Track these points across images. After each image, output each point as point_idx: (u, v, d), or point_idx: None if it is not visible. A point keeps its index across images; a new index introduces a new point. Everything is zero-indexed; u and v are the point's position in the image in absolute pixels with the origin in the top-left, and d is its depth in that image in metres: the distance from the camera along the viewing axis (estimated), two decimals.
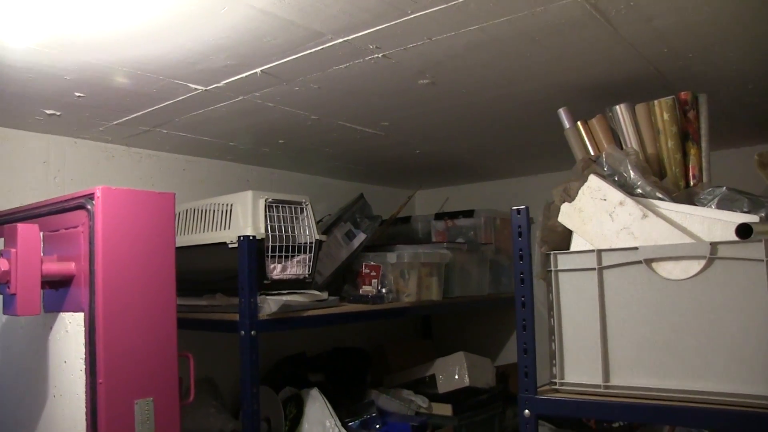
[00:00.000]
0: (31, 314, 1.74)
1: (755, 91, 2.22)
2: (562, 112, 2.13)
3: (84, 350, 1.75)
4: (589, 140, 2.05)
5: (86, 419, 1.73)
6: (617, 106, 1.98)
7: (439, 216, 3.63)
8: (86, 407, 1.73)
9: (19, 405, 2.06)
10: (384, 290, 2.80)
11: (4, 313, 1.81)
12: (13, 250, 1.72)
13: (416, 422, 2.99)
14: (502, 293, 3.44)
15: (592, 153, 2.02)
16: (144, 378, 1.76)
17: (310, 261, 2.45)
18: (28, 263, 1.72)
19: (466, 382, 3.30)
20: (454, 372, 3.34)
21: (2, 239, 1.93)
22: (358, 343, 3.57)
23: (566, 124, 2.12)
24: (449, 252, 3.08)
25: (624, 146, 1.97)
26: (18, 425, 2.06)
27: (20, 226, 1.75)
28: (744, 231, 1.33)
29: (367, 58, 1.85)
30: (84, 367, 1.74)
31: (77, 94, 2.11)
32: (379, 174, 3.74)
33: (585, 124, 2.07)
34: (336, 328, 3.57)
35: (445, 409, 3.20)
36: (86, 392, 1.73)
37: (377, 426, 2.93)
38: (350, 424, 2.81)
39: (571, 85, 2.15)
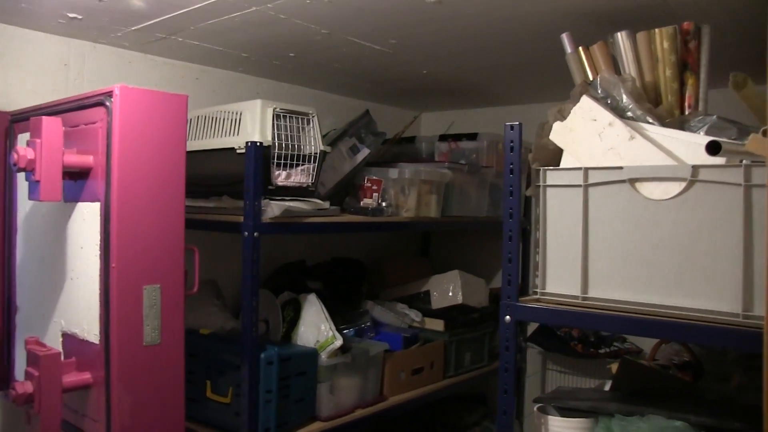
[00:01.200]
0: (52, 200, 1.87)
1: (761, 27, 2.27)
2: (564, 37, 2.19)
3: (99, 237, 1.88)
4: (589, 66, 2.12)
5: (100, 300, 1.87)
6: (618, 33, 2.04)
7: (443, 137, 3.71)
8: (100, 289, 1.87)
9: (40, 286, 2.22)
10: (384, 204, 2.91)
11: (29, 198, 1.93)
12: (38, 141, 1.84)
13: (408, 334, 3.14)
14: (500, 217, 3.54)
15: (591, 78, 2.10)
16: (152, 266, 1.90)
17: (313, 171, 2.56)
18: (51, 153, 1.84)
19: (459, 299, 3.40)
20: (448, 289, 3.45)
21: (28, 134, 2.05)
22: (357, 256, 3.69)
23: (568, 49, 2.18)
24: (450, 171, 3.18)
25: (622, 72, 2.04)
26: (39, 304, 2.23)
27: (44, 119, 1.86)
28: (713, 147, 1.40)
29: None
30: (98, 252, 1.88)
31: None
32: (387, 93, 3.81)
33: (586, 49, 2.13)
34: (336, 240, 3.71)
35: (437, 324, 3.33)
36: (100, 275, 1.88)
37: (370, 335, 3.08)
38: (345, 330, 2.96)
39: (575, 10, 2.19)
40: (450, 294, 3.44)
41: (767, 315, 1.08)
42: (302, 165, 2.53)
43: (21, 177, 2.32)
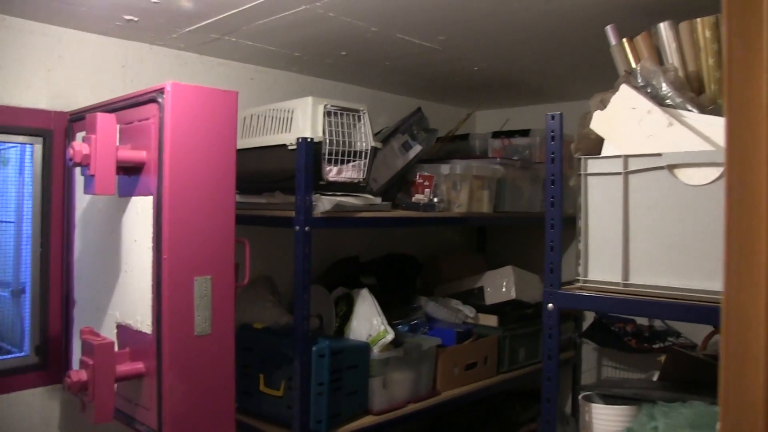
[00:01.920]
0: (106, 194, 1.94)
1: None
2: (609, 30, 2.19)
3: (152, 230, 1.94)
4: (633, 57, 2.12)
5: (152, 291, 1.94)
6: (661, 24, 2.04)
7: (496, 134, 3.71)
8: (153, 280, 1.94)
9: (97, 278, 2.30)
10: (436, 199, 2.92)
11: (84, 192, 2.01)
12: (93, 136, 1.91)
13: (461, 329, 3.14)
14: None
15: None
16: (203, 257, 1.95)
17: (364, 166, 2.59)
18: (105, 148, 1.91)
19: (513, 295, 3.40)
20: (502, 285, 3.45)
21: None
22: (411, 252, 3.70)
23: (612, 41, 2.19)
24: (502, 167, 3.18)
25: (665, 62, 2.03)
26: (95, 297, 2.31)
27: (99, 115, 1.93)
28: None
29: None
30: (151, 245, 1.94)
31: (154, 1, 2.25)
32: (438, 91, 3.82)
33: (630, 41, 2.13)
34: (390, 236, 3.73)
35: (490, 320, 3.33)
36: (153, 267, 1.94)
37: (424, 330, 3.09)
38: (398, 325, 2.97)
39: (619, 2, 2.18)
40: (503, 289, 3.44)
41: (725, 291, 1.07)
42: (353, 161, 2.55)
43: (78, 175, 2.40)
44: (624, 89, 1.89)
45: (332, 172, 2.49)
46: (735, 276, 1.07)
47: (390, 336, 2.64)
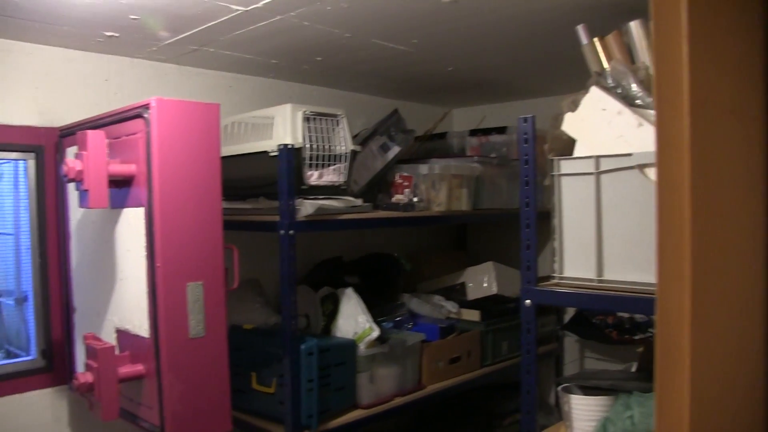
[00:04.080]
0: (100, 207, 2.02)
1: None
2: (580, 29, 2.24)
3: (144, 239, 2.03)
4: (605, 56, 2.16)
5: (148, 297, 2.03)
6: (632, 23, 2.09)
7: (473, 132, 3.79)
8: (147, 287, 2.02)
9: (94, 286, 2.39)
10: (415, 199, 3.01)
11: (79, 206, 2.10)
12: (84, 153, 2.00)
13: (445, 324, 3.23)
14: None
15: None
16: (194, 264, 2.04)
17: (345, 170, 2.67)
18: (97, 163, 2.00)
19: (494, 290, 3.48)
20: (483, 280, 3.53)
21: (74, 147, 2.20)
22: (393, 251, 3.79)
23: (584, 40, 2.24)
24: (479, 165, 3.26)
25: (636, 61, 2.09)
26: (94, 304, 2.40)
27: (89, 132, 2.02)
28: None
29: None
30: (144, 253, 2.03)
31: (132, 17, 2.33)
32: (415, 91, 3.90)
33: (601, 39, 2.18)
34: (372, 236, 3.81)
35: (473, 315, 3.40)
36: (147, 275, 2.03)
37: (408, 326, 3.18)
38: (383, 322, 3.06)
39: (588, 3, 2.24)
40: (485, 285, 3.52)
41: (658, 282, 1.18)
42: (334, 164, 2.64)
43: (70, 187, 2.49)
44: (594, 91, 1.97)
45: (313, 177, 2.58)
46: (664, 269, 1.16)
47: (375, 333, 2.73)
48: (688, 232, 1.14)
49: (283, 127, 2.53)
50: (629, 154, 1.88)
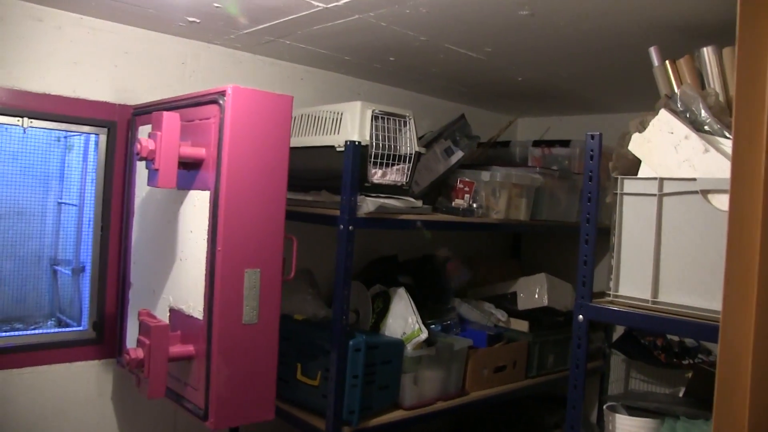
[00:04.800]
0: (169, 187, 2.07)
1: None
2: (652, 50, 2.24)
3: (207, 223, 2.07)
4: (675, 79, 2.16)
5: (205, 280, 2.07)
6: (705, 48, 2.07)
7: (536, 143, 3.78)
8: (206, 270, 2.07)
9: (153, 265, 2.44)
10: (475, 205, 3.01)
11: (148, 185, 2.14)
12: (158, 133, 2.04)
13: (493, 332, 3.22)
14: None
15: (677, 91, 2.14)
16: (254, 251, 2.07)
17: (408, 170, 2.68)
18: (170, 144, 2.04)
19: (545, 302, 3.46)
20: (535, 291, 3.51)
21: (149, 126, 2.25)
22: (447, 255, 3.79)
23: (655, 61, 2.23)
24: (540, 176, 3.24)
25: (707, 86, 2.08)
26: (150, 281, 2.45)
27: (165, 114, 2.06)
28: None
29: None
30: (206, 236, 2.07)
31: (216, 5, 2.37)
32: (482, 97, 3.90)
33: (673, 63, 2.17)
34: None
35: (522, 325, 3.40)
36: (207, 258, 2.07)
37: (456, 331, 3.18)
38: (431, 325, 3.06)
39: (663, 24, 2.24)
40: (536, 296, 3.50)
41: (723, 308, 1.16)
42: (398, 164, 2.65)
43: (138, 165, 2.55)
44: (663, 114, 1.96)
45: (377, 175, 2.59)
46: (731, 298, 1.15)
47: (424, 335, 2.73)
48: (756, 263, 1.13)
49: (351, 123, 2.54)
50: (694, 179, 1.87)
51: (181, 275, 2.23)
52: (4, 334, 2.59)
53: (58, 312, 2.92)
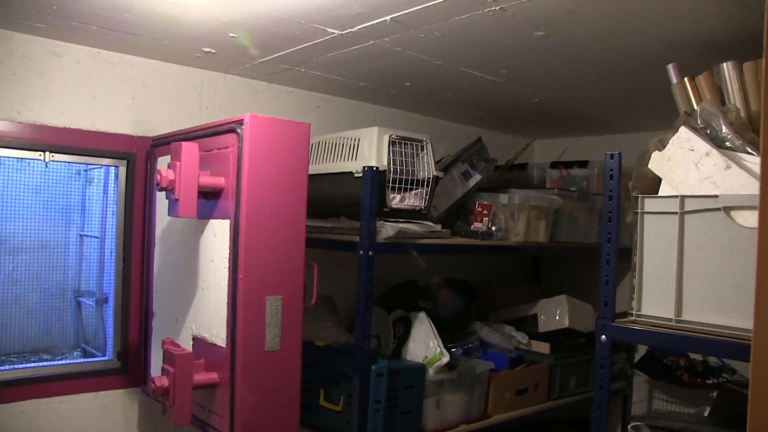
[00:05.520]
0: (189, 216, 2.09)
1: None
2: (670, 68, 2.23)
3: (228, 251, 2.09)
4: (694, 96, 2.15)
5: (227, 308, 2.08)
6: (724, 64, 2.07)
7: (554, 164, 3.78)
8: (228, 298, 2.08)
9: (175, 294, 2.46)
10: (494, 228, 3.01)
11: (168, 215, 2.16)
12: (177, 163, 2.07)
13: (514, 355, 3.21)
14: None
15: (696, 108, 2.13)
16: (275, 279, 2.08)
17: (426, 195, 2.69)
18: (189, 174, 2.07)
19: (566, 323, 3.46)
20: (555, 313, 3.51)
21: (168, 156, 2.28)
22: (467, 278, 3.78)
23: (674, 79, 2.23)
24: (559, 198, 3.25)
25: (727, 102, 2.06)
26: (173, 310, 2.47)
27: (184, 144, 2.09)
28: None
29: (485, 10, 2.03)
30: (227, 265, 2.09)
31: (231, 35, 2.40)
32: (498, 120, 3.91)
33: (691, 80, 2.16)
34: (447, 262, 3.81)
35: (543, 347, 3.39)
36: (228, 286, 2.08)
37: (477, 354, 3.17)
38: (453, 348, 3.06)
39: (680, 41, 2.24)
40: (557, 318, 3.49)
41: (755, 327, 1.15)
42: (416, 189, 2.66)
43: (158, 195, 2.57)
44: (683, 131, 1.95)
45: (395, 200, 2.60)
46: (763, 314, 1.15)
47: (445, 358, 2.73)
48: None
49: (368, 149, 2.56)
50: (716, 196, 1.86)
51: (203, 304, 2.24)
52: (32, 365, 2.62)
53: (83, 342, 2.94)
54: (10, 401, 2.48)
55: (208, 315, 2.20)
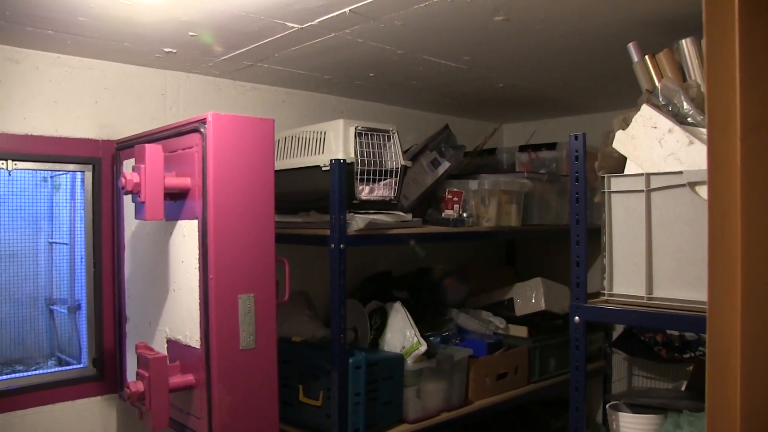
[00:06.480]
0: (156, 219, 2.07)
1: None
2: (631, 47, 2.24)
3: (198, 251, 2.07)
4: (656, 73, 2.16)
5: (200, 309, 2.06)
6: (683, 40, 2.08)
7: (523, 148, 3.78)
8: (200, 299, 2.06)
9: (147, 297, 2.44)
10: (465, 214, 3.01)
11: (135, 218, 2.15)
12: (142, 166, 2.05)
13: (492, 340, 3.23)
14: None
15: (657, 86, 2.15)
16: (246, 276, 2.07)
17: (395, 185, 2.69)
18: (154, 177, 2.05)
19: (542, 306, 3.47)
20: (531, 296, 3.52)
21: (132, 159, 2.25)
22: (442, 266, 3.79)
23: (635, 57, 2.24)
24: (529, 181, 3.26)
25: (688, 78, 2.08)
26: (146, 314, 2.45)
27: (147, 146, 2.06)
28: None
29: None
30: (198, 265, 2.07)
31: (191, 34, 2.38)
32: (466, 106, 3.91)
33: (652, 57, 2.18)
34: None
35: (521, 331, 3.41)
36: (200, 286, 2.07)
37: (455, 341, 3.18)
38: (430, 337, 3.06)
39: (640, 20, 2.25)
40: (533, 301, 3.50)
41: (709, 300, 1.17)
42: (384, 179, 2.66)
43: (126, 199, 2.55)
44: (645, 109, 1.97)
45: (364, 191, 2.60)
46: (716, 287, 1.16)
47: (423, 347, 2.73)
48: (738, 252, 1.14)
49: (335, 142, 2.55)
50: (680, 172, 1.88)
51: (176, 306, 2.22)
52: (5, 377, 2.58)
53: (58, 351, 2.91)
54: None
55: (181, 317, 2.18)
